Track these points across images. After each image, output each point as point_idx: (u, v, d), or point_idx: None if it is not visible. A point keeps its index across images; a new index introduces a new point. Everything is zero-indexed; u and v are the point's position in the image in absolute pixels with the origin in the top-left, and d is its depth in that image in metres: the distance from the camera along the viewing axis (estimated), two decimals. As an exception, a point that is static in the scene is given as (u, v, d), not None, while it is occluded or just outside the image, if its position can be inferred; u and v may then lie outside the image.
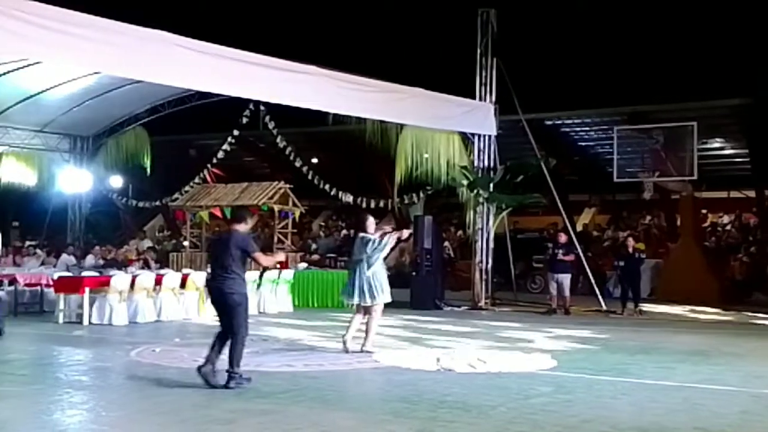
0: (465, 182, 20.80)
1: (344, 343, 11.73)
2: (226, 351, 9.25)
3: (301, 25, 32.87)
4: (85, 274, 17.15)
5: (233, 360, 9.14)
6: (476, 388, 9.22)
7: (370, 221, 12.23)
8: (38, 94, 20.88)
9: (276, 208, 22.23)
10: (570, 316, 18.55)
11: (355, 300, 11.79)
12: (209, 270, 10.01)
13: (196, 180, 24.38)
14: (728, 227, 28.37)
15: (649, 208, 28.73)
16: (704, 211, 27.78)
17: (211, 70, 14.47)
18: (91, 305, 15.59)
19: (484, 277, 20.76)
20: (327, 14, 32.46)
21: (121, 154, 24.84)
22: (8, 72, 18.93)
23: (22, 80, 19.67)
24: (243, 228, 9.55)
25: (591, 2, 30.45)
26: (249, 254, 9.43)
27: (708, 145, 27.15)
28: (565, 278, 19.09)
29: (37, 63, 17.34)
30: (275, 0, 33.96)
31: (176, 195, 24.21)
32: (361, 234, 12.03)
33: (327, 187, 23.09)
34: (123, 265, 19.35)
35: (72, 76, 19.65)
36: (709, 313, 19.21)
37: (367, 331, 11.86)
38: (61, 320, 15.74)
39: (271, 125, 23.02)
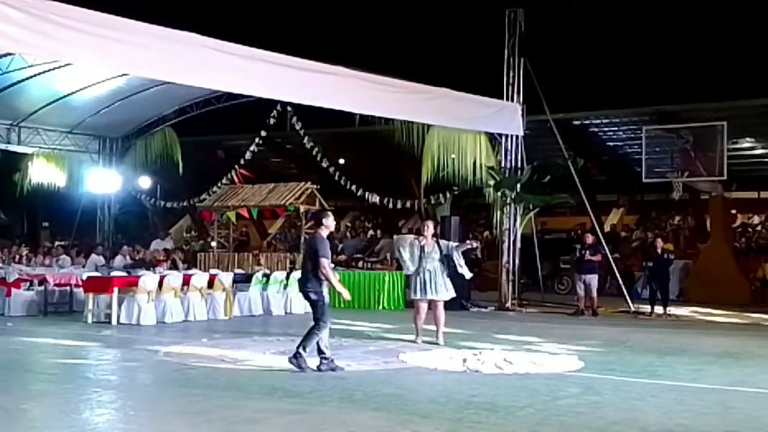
0: (492, 183, 20.74)
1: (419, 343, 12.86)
2: (325, 341, 10.19)
3: (328, 26, 32.94)
4: (113, 274, 17.30)
5: (303, 341, 10.06)
6: (503, 389, 9.18)
7: (429, 225, 13.56)
8: (68, 95, 21.12)
9: (303, 208, 22.27)
10: (598, 317, 18.44)
11: (418, 295, 12.99)
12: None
13: (224, 181, 24.49)
14: (758, 228, 28.07)
15: (678, 209, 28.48)
16: (733, 211, 27.51)
17: (239, 71, 14.53)
18: (119, 305, 15.72)
19: (511, 278, 20.70)
20: (354, 15, 32.49)
21: (149, 154, 25.03)
22: (39, 74, 19.16)
23: (53, 82, 19.92)
24: (323, 231, 10.36)
25: (620, 2, 30.28)
26: (317, 257, 10.13)
27: (738, 145, 26.86)
28: (593, 279, 18.99)
29: (67, 65, 17.54)
30: (303, 1, 34.08)
31: (204, 196, 24.33)
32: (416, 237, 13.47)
33: (354, 187, 23.11)
34: (151, 265, 19.50)
35: (101, 78, 19.85)
36: (740, 315, 19.00)
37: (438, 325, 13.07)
38: (90, 320, 15.88)
39: (298, 126, 23.09)
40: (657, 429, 7.39)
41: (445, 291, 13.04)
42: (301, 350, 10.00)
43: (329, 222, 10.52)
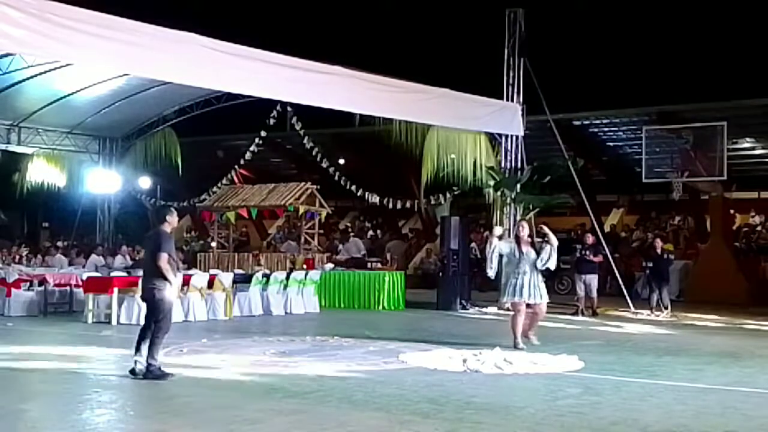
0: (492, 183, 20.73)
1: (526, 343, 12.59)
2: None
3: (327, 26, 32.95)
4: (113, 274, 17.31)
5: (150, 351, 9.58)
6: (503, 389, 9.19)
7: (524, 225, 13.11)
8: (68, 95, 21.14)
9: (302, 209, 22.28)
10: (598, 317, 18.44)
11: (517, 298, 12.58)
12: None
13: (224, 181, 24.51)
14: (758, 228, 28.06)
15: (678, 209, 28.49)
16: (731, 211, 27.53)
17: (239, 71, 14.55)
18: (119, 305, 15.71)
19: (510, 278, 20.64)
20: (354, 15, 32.50)
21: (149, 155, 25.05)
22: (39, 74, 19.17)
23: (53, 82, 19.94)
24: (166, 227, 9.82)
25: (620, 2, 30.28)
26: (159, 251, 9.56)
27: (738, 145, 26.86)
28: (593, 279, 18.99)
29: (68, 65, 17.55)
30: (303, 1, 34.08)
31: (204, 196, 24.35)
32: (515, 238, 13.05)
33: (354, 187, 23.12)
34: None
35: (102, 78, 19.87)
36: (740, 315, 18.99)
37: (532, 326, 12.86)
38: (90, 320, 15.87)
39: (298, 126, 23.10)
40: (657, 429, 7.39)
41: (545, 294, 12.81)
42: (151, 360, 9.54)
43: (173, 219, 10.01)
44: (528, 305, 12.67)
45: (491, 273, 12.93)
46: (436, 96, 18.35)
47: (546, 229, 13.39)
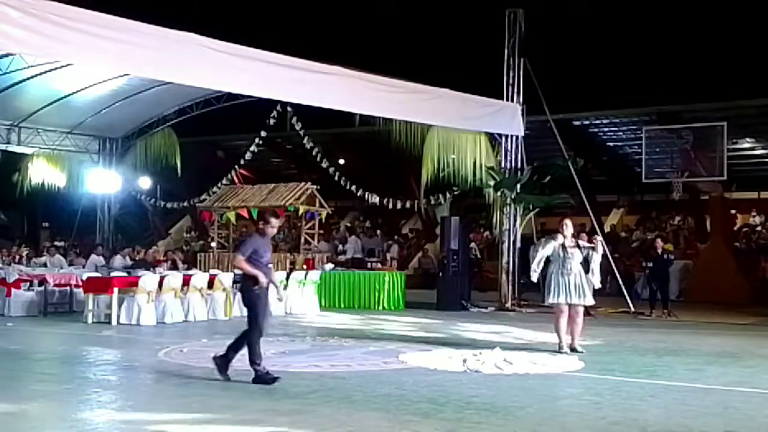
0: (492, 183, 20.73)
1: (569, 347, 12.21)
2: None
3: (327, 26, 32.92)
4: (113, 274, 17.32)
5: (250, 354, 9.44)
6: (503, 389, 9.18)
7: (567, 224, 12.54)
8: (69, 95, 21.14)
9: (302, 209, 22.27)
10: (597, 318, 18.42)
11: (561, 299, 12.24)
12: None
13: (224, 181, 24.50)
14: (759, 228, 28.06)
15: (678, 209, 28.48)
16: (733, 211, 27.52)
17: (239, 71, 14.54)
18: (119, 305, 15.72)
19: (510, 278, 20.69)
20: (354, 15, 32.48)
21: (149, 155, 25.04)
22: (39, 74, 19.17)
23: (53, 82, 19.94)
24: (268, 229, 10.19)
25: (620, 2, 30.27)
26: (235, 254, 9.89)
27: (738, 145, 26.87)
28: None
29: (68, 65, 17.55)
30: (303, 1, 34.06)
31: (204, 196, 24.34)
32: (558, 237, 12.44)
33: (354, 187, 23.11)
34: (151, 265, 19.50)
35: (102, 78, 19.88)
36: (740, 315, 18.99)
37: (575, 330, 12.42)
38: (90, 320, 15.88)
39: (298, 126, 23.09)
40: (657, 429, 7.39)
41: (589, 295, 12.38)
42: (253, 366, 9.36)
43: (275, 221, 10.34)
44: (569, 306, 12.29)
45: (535, 277, 12.67)
46: (436, 96, 18.34)
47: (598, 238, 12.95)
